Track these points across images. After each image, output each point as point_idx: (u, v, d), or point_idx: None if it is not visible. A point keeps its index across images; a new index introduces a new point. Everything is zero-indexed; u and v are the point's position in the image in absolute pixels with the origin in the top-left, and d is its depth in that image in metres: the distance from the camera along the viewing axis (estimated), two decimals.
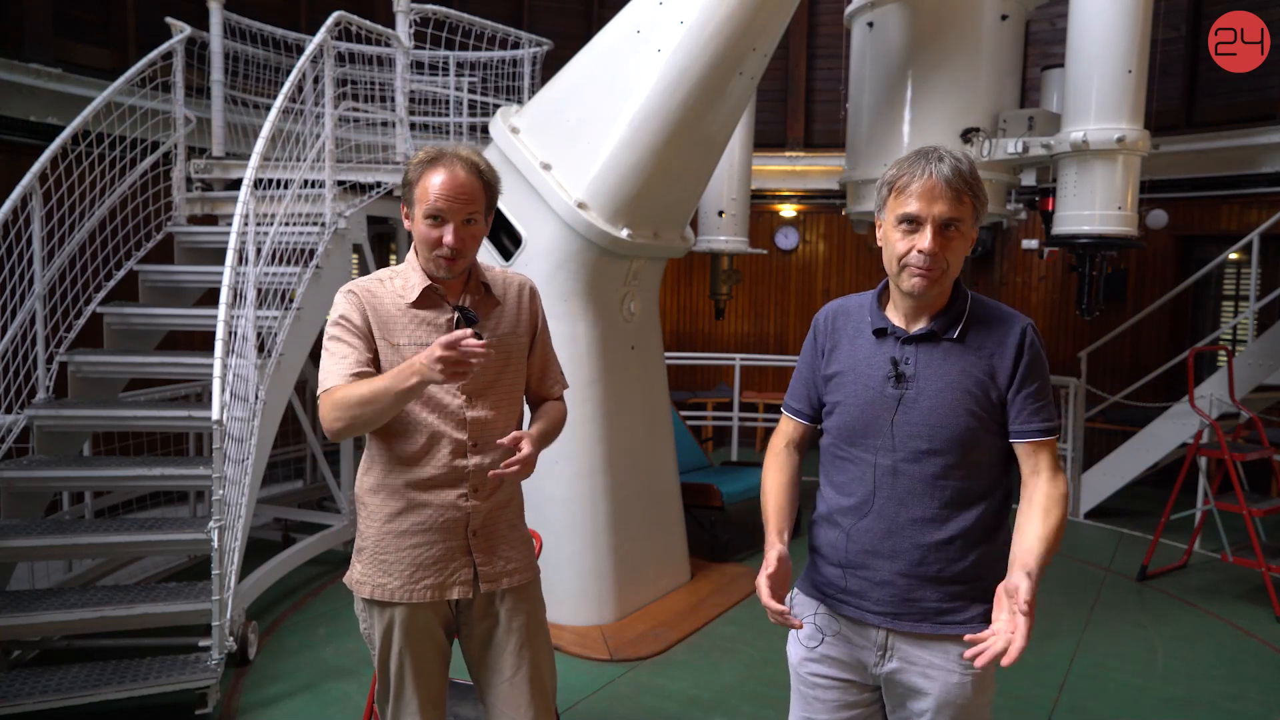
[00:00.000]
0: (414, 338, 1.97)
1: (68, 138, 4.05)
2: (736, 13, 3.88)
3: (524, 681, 2.07)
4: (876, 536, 1.74)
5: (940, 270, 1.67)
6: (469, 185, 1.93)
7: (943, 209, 1.64)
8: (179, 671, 3.26)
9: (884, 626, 1.75)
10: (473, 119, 5.92)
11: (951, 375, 1.70)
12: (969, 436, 1.69)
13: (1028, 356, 1.71)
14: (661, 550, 4.72)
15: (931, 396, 1.70)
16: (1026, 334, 1.72)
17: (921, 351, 1.73)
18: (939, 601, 1.72)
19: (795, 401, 1.94)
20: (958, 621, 1.71)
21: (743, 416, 8.52)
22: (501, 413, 2.05)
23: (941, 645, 1.72)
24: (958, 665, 1.71)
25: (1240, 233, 6.79)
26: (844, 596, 1.80)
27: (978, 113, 4.81)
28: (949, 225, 1.66)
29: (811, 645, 1.85)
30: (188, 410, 4.14)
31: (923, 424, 1.70)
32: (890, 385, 1.73)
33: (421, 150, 1.99)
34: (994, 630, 1.49)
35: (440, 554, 2.00)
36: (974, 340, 1.72)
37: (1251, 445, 5.38)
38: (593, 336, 4.30)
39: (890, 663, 1.76)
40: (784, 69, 9.12)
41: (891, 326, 1.76)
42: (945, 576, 1.71)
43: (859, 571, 1.77)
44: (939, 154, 1.67)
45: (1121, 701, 3.73)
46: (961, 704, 1.72)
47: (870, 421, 1.74)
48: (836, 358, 1.83)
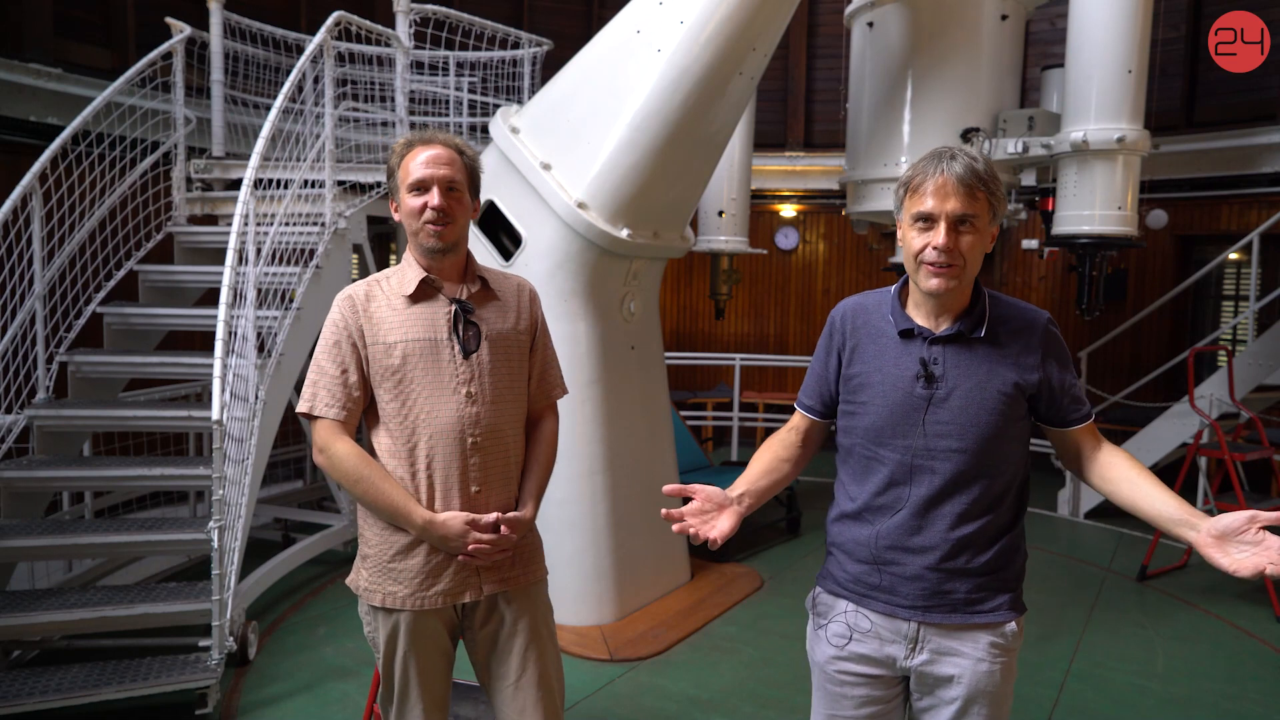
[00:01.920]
0: (409, 333, 1.98)
1: (68, 138, 4.05)
2: (736, 13, 3.88)
3: (530, 685, 2.06)
4: (907, 532, 1.78)
5: (958, 267, 1.70)
6: (446, 154, 2.00)
7: (955, 205, 1.68)
8: (179, 671, 3.26)
9: (915, 620, 1.79)
10: (473, 119, 5.93)
11: (980, 374, 1.74)
12: (997, 433, 1.74)
13: (1055, 349, 1.78)
14: (661, 550, 4.72)
15: (962, 396, 1.74)
16: (1048, 328, 1.78)
17: (949, 352, 1.76)
18: (968, 592, 1.76)
19: (808, 398, 1.97)
20: (985, 610, 1.77)
21: (743, 416, 8.52)
22: (503, 409, 2.05)
23: (971, 634, 1.77)
24: (987, 653, 1.76)
25: (1240, 233, 6.79)
26: (874, 593, 1.83)
27: (978, 113, 4.82)
28: (963, 221, 1.69)
29: (840, 644, 1.87)
30: (188, 410, 4.13)
31: (953, 423, 1.74)
32: (920, 386, 1.76)
33: (400, 140, 2.05)
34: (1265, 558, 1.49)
35: (448, 559, 2.00)
36: (999, 338, 1.76)
37: (1251, 445, 5.39)
38: (593, 336, 4.30)
39: (921, 655, 1.80)
40: (784, 69, 9.13)
41: (918, 328, 1.79)
42: (974, 568, 1.76)
43: (889, 567, 1.80)
44: (952, 153, 1.72)
45: (1121, 701, 3.73)
46: (990, 691, 1.77)
47: (900, 422, 1.77)
48: (859, 358, 1.84)
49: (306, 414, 2.00)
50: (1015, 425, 1.77)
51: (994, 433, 1.74)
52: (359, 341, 1.99)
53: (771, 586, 5.00)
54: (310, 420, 2.01)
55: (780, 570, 5.29)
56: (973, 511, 1.75)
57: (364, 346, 1.99)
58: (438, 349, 1.98)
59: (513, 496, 2.09)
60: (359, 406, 2.01)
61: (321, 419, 1.99)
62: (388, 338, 1.98)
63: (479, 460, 2.00)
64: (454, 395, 1.98)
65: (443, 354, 1.98)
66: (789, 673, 3.87)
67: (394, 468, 1.99)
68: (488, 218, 4.39)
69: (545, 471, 2.16)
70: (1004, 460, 1.77)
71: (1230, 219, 7.47)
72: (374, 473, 1.97)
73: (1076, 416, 1.81)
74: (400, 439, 1.99)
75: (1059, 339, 1.80)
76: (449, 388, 1.98)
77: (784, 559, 5.55)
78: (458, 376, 1.98)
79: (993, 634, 1.77)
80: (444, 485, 1.98)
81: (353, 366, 1.98)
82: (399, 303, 2.00)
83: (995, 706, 1.78)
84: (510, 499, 2.08)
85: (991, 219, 1.74)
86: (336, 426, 1.98)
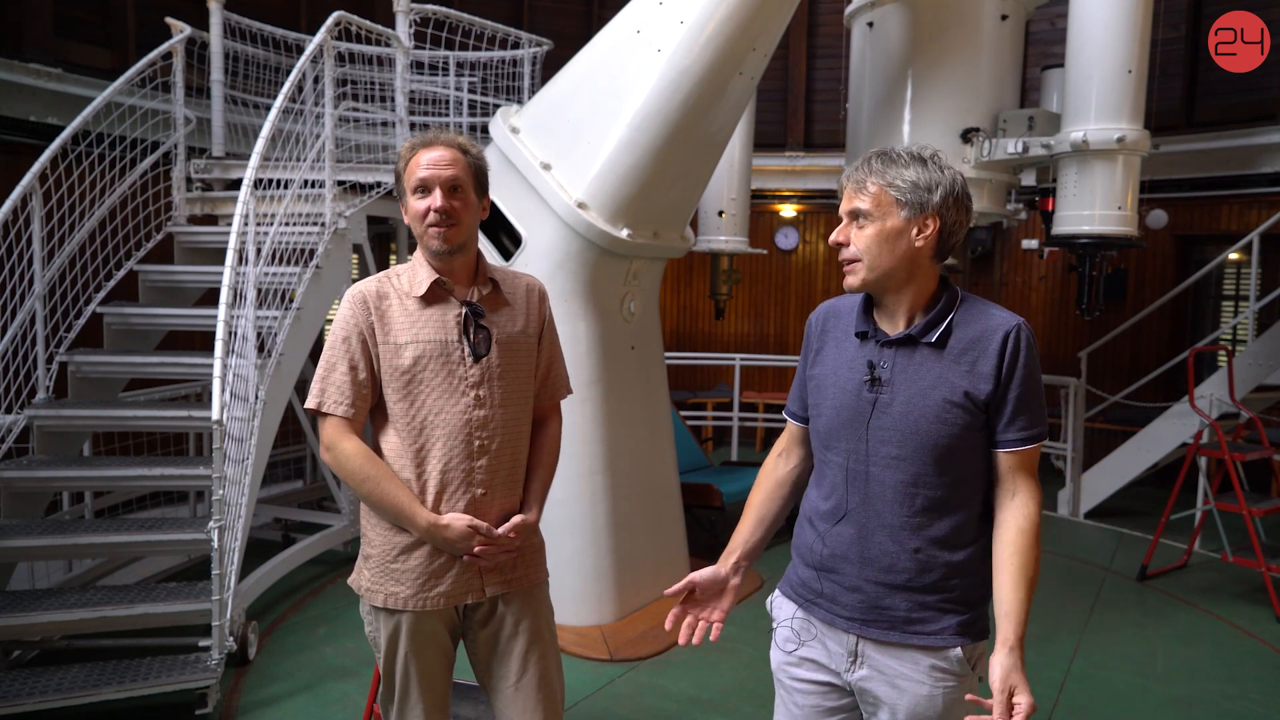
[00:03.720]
0: (419, 335, 1.98)
1: (68, 138, 4.05)
2: (736, 13, 3.88)
3: (531, 686, 2.06)
4: (848, 541, 1.73)
5: (855, 260, 1.69)
6: (449, 155, 1.99)
7: (844, 203, 1.72)
8: (179, 671, 3.26)
9: (853, 632, 1.74)
10: (473, 119, 5.92)
11: (926, 381, 1.66)
12: (942, 444, 1.64)
13: (1009, 360, 1.63)
14: (661, 550, 4.72)
15: (904, 402, 1.66)
16: (1010, 336, 1.64)
17: (900, 356, 1.69)
18: (908, 610, 1.68)
19: (792, 403, 1.94)
20: (927, 632, 1.68)
21: (743, 416, 8.51)
22: (510, 412, 2.05)
23: (911, 655, 1.69)
24: (927, 677, 1.68)
25: (1240, 233, 6.79)
26: (818, 600, 1.80)
27: (978, 113, 4.81)
28: (856, 216, 1.70)
29: (789, 649, 1.85)
30: (188, 410, 4.13)
31: (894, 430, 1.67)
32: (866, 389, 1.70)
33: (406, 143, 2.05)
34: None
35: (450, 560, 2.00)
36: (956, 345, 1.66)
37: (1251, 445, 5.38)
38: (593, 336, 4.30)
39: (860, 669, 1.74)
40: (784, 69, 9.12)
41: (874, 330, 1.74)
42: (915, 585, 1.68)
43: (831, 575, 1.76)
44: (867, 157, 1.72)
45: (1121, 701, 3.73)
46: (930, 717, 1.68)
47: (845, 425, 1.72)
48: (820, 360, 1.82)
49: (315, 410, 2.00)
50: (970, 436, 1.65)
51: (939, 443, 1.64)
52: (369, 339, 1.99)
53: (771, 586, 4.99)
54: (317, 417, 2.01)
55: (780, 570, 5.21)
56: (915, 525, 1.67)
57: (374, 345, 1.99)
58: (448, 352, 1.98)
59: (517, 499, 2.09)
60: (367, 404, 2.01)
61: (330, 416, 1.98)
62: (398, 338, 1.98)
63: (485, 463, 2.00)
64: (462, 398, 1.98)
65: (452, 357, 1.98)
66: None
67: (400, 468, 1.99)
68: (488, 218, 4.38)
69: (549, 474, 2.17)
70: (954, 475, 1.67)
71: (1230, 219, 7.48)
72: (380, 473, 1.97)
73: (1006, 438, 1.65)
74: (407, 440, 1.98)
75: (1023, 348, 1.64)
76: (458, 390, 1.98)
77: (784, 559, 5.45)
78: (467, 380, 1.98)
79: (935, 657, 1.67)
80: (449, 487, 1.98)
81: (362, 364, 1.98)
82: (411, 304, 2.00)
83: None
84: (515, 502, 2.08)
85: (904, 209, 1.64)
86: (344, 424, 1.98)
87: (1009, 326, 1.65)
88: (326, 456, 2.01)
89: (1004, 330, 1.65)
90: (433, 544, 1.98)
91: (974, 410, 1.64)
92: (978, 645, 1.72)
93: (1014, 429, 1.66)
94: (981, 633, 1.73)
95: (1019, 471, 1.68)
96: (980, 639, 1.72)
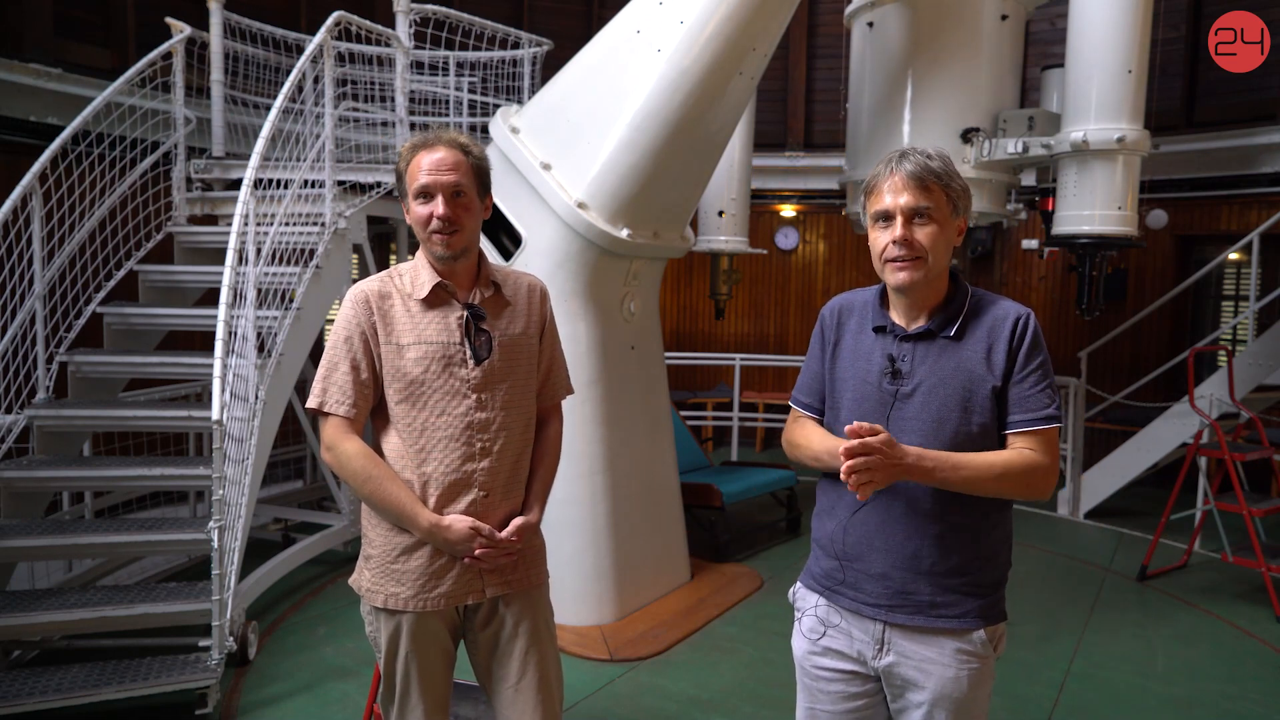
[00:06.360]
0: (421, 337, 1.98)
1: (68, 138, 4.05)
2: (736, 13, 3.88)
3: (530, 687, 2.06)
4: (872, 530, 1.77)
5: (919, 258, 1.71)
6: (451, 157, 1.97)
7: (909, 199, 1.71)
8: (179, 671, 3.26)
9: (879, 619, 1.78)
10: (473, 119, 5.92)
11: (945, 371, 1.73)
12: (963, 432, 1.71)
13: (1019, 345, 1.72)
14: (661, 550, 4.72)
15: (926, 393, 1.73)
16: (1019, 322, 1.73)
17: (919, 349, 1.76)
18: (932, 595, 1.74)
19: (804, 395, 1.96)
20: (952, 615, 1.74)
21: (743, 416, 8.51)
22: (512, 414, 2.05)
23: (936, 639, 1.75)
24: (953, 659, 1.74)
25: (1240, 233, 6.79)
26: (841, 589, 1.83)
27: (978, 113, 4.82)
28: (919, 214, 1.71)
29: (814, 638, 1.88)
30: (188, 410, 4.13)
31: (916, 419, 1.73)
32: (886, 381, 1.77)
33: (407, 142, 2.04)
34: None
35: (451, 561, 2.00)
36: (971, 336, 1.75)
37: (1251, 445, 5.38)
38: (593, 336, 4.30)
39: (887, 655, 1.78)
40: (784, 69, 9.12)
41: (891, 324, 1.80)
42: (939, 570, 1.74)
43: (855, 564, 1.80)
44: (903, 153, 1.75)
45: (1121, 701, 3.73)
46: (957, 697, 1.74)
47: (866, 417, 1.74)
48: (840, 353, 1.87)
49: (316, 410, 2.00)
50: (988, 423, 1.73)
51: (959, 431, 1.71)
52: (371, 339, 1.99)
53: (771, 586, 5.00)
54: (319, 416, 2.01)
55: (780, 570, 5.29)
56: (938, 511, 1.73)
57: (376, 345, 1.99)
58: (449, 354, 1.98)
59: (519, 500, 2.09)
60: (368, 404, 2.01)
61: (331, 416, 1.98)
62: (401, 340, 1.98)
63: (487, 465, 2.00)
64: (464, 400, 1.98)
65: (454, 360, 1.98)
66: (789, 673, 3.80)
67: (401, 469, 1.99)
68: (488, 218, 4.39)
69: (550, 474, 2.17)
70: None
71: (1230, 219, 7.48)
72: (381, 473, 1.97)
73: (1017, 419, 1.71)
74: (408, 441, 1.98)
75: (1029, 334, 1.73)
76: (459, 393, 1.97)
77: (784, 559, 5.55)
78: (468, 382, 1.98)
79: (959, 640, 1.74)
80: (450, 489, 1.98)
81: (364, 364, 1.98)
82: (414, 306, 2.00)
83: (964, 713, 1.75)
84: (516, 503, 2.08)
85: (953, 212, 1.75)
86: (345, 424, 1.98)
87: (1019, 314, 1.75)
88: (327, 456, 2.01)
89: (1014, 317, 1.74)
90: (434, 545, 1.98)
91: (991, 397, 1.72)
92: (998, 627, 1.78)
93: (1025, 410, 1.72)
94: (1000, 615, 1.79)
95: (1037, 446, 1.71)
96: (999, 620, 1.78)
